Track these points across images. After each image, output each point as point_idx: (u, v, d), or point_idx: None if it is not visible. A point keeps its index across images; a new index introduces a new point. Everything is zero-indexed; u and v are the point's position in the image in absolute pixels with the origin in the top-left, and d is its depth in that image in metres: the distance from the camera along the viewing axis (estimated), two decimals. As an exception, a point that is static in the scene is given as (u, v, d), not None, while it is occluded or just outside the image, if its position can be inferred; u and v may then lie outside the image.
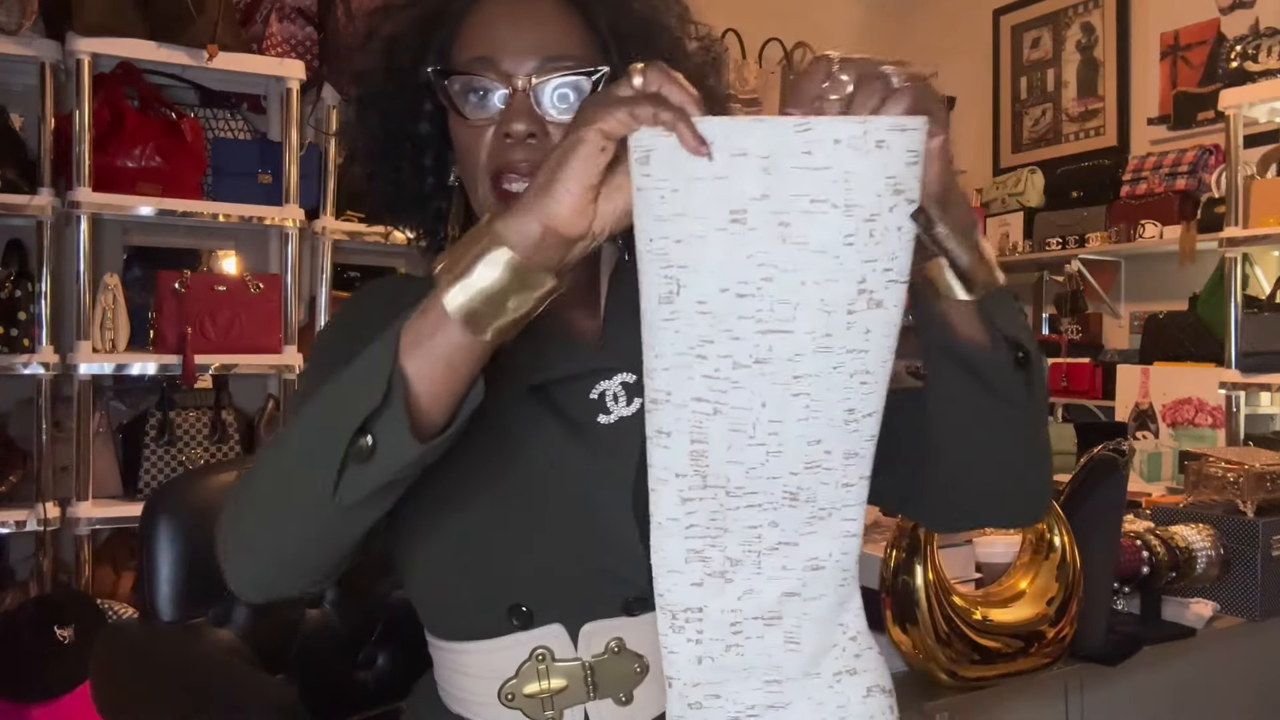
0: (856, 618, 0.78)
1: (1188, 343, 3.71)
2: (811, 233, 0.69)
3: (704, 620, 0.75)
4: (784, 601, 0.75)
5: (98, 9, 2.75)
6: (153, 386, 3.04)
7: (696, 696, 0.75)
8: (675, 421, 0.73)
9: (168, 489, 1.40)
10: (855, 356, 0.72)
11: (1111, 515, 1.54)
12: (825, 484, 0.74)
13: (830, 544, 0.75)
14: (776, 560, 0.75)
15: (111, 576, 2.91)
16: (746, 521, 0.74)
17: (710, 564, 0.74)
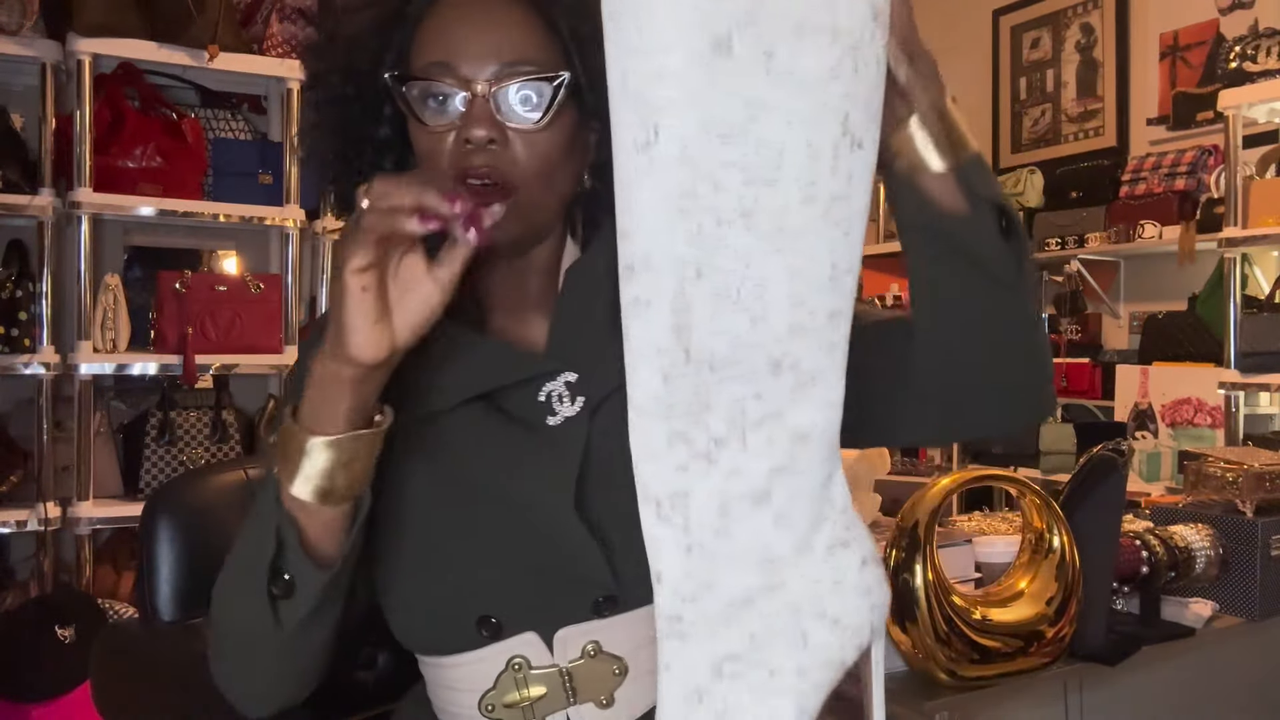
0: (842, 492, 0.74)
1: (1187, 343, 3.71)
2: (798, 63, 0.65)
3: (690, 507, 0.70)
4: (772, 478, 0.71)
5: (98, 9, 2.76)
6: (153, 386, 3.05)
7: (689, 589, 0.71)
8: (654, 289, 0.67)
9: (167, 489, 1.40)
10: (840, 204, 0.68)
11: (1111, 515, 1.54)
12: (809, 348, 0.70)
13: (815, 414, 0.71)
14: (762, 435, 0.70)
15: (112, 576, 2.91)
16: (730, 396, 0.69)
17: (694, 445, 0.69)
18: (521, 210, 0.90)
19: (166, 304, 2.87)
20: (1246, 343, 3.36)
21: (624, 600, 0.90)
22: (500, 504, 0.90)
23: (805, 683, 0.71)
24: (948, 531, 1.60)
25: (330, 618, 0.88)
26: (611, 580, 0.89)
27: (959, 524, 1.78)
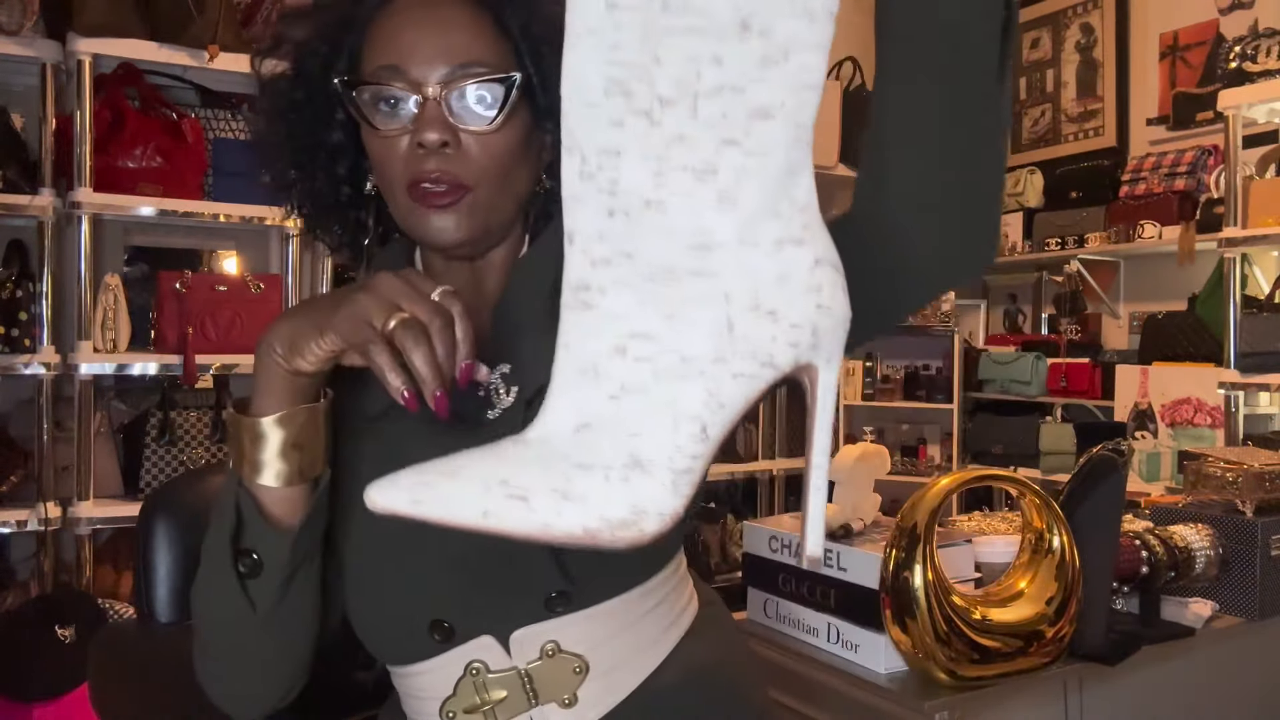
0: (808, 193, 0.64)
1: (1187, 343, 3.71)
2: None
3: (620, 167, 0.62)
4: (721, 151, 0.62)
5: (99, 10, 2.76)
6: (153, 386, 3.05)
7: (602, 253, 0.63)
8: None
9: (165, 490, 1.40)
10: None
11: (1111, 515, 1.54)
12: (783, 12, 0.60)
13: (783, 93, 0.61)
14: (716, 106, 0.61)
15: (112, 576, 2.91)
16: (684, 52, 0.60)
17: (634, 100, 0.61)
18: (477, 212, 0.90)
19: (167, 304, 2.87)
20: (1246, 343, 3.36)
21: (579, 597, 0.89)
22: None
23: (723, 371, 0.63)
24: (948, 531, 1.60)
25: (305, 600, 0.88)
26: (559, 576, 0.87)
27: (959, 524, 1.78)
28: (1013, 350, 4.43)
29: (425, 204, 0.89)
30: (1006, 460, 4.07)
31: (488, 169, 0.89)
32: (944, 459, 4.43)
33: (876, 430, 4.52)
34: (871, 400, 4.45)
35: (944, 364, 4.37)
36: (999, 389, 4.35)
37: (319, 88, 0.94)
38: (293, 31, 0.96)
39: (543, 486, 0.63)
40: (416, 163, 0.88)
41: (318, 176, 0.99)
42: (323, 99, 0.94)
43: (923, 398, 4.39)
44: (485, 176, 0.89)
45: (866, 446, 1.62)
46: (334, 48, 0.94)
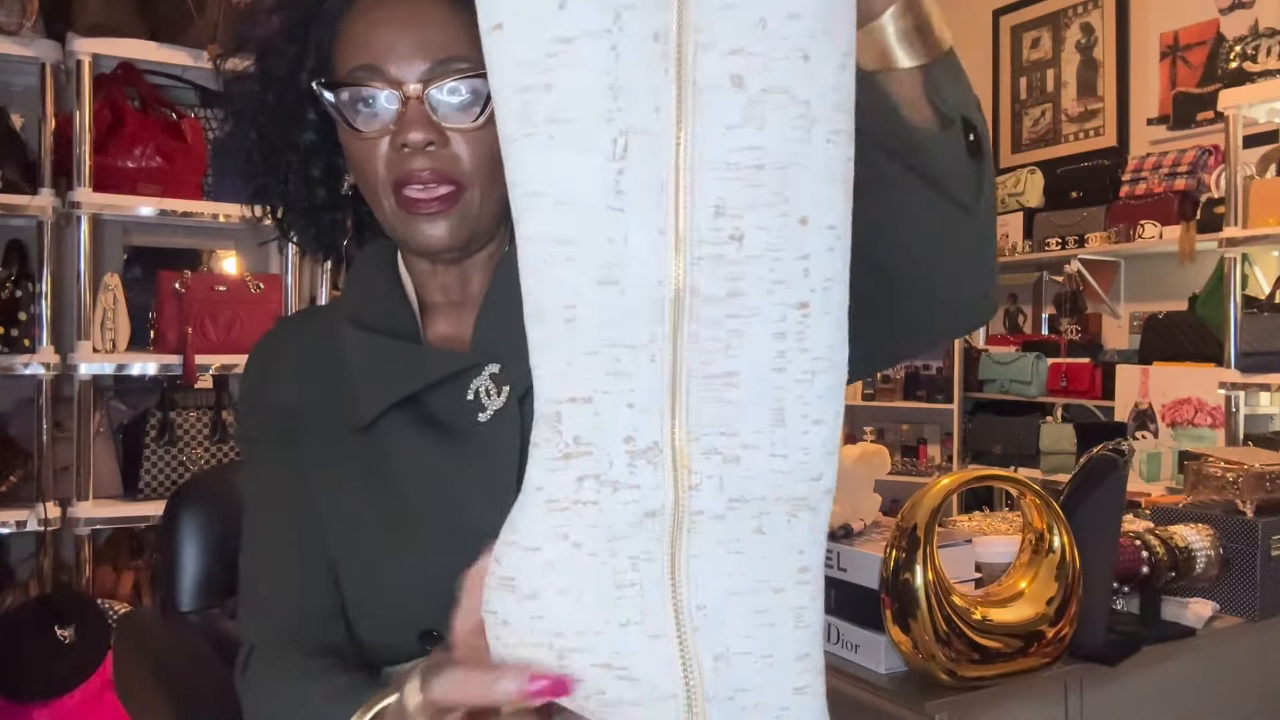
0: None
1: (1187, 343, 3.71)
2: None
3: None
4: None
5: (98, 9, 2.75)
6: (153, 386, 3.04)
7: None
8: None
9: (194, 483, 1.45)
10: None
11: (1111, 515, 1.54)
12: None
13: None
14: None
15: (112, 576, 2.91)
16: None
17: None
18: (468, 216, 0.88)
19: (166, 304, 2.87)
20: (1247, 343, 3.36)
21: None
22: (434, 514, 0.87)
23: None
24: (948, 532, 1.60)
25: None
26: None
27: (959, 524, 1.78)
28: (1013, 350, 4.43)
29: (415, 210, 0.87)
30: (1007, 460, 4.07)
31: (478, 167, 0.87)
32: (944, 459, 4.43)
33: (877, 430, 4.52)
34: (872, 400, 4.45)
35: (944, 364, 4.37)
36: (999, 389, 4.34)
37: (288, 88, 0.92)
38: (255, 31, 0.93)
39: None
40: (401, 163, 0.86)
41: (291, 179, 0.97)
42: (293, 99, 0.92)
43: (923, 398, 4.39)
44: (476, 174, 0.87)
45: (866, 446, 1.61)
46: (301, 46, 0.91)
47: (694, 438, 0.58)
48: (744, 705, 0.61)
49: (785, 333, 0.58)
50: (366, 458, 0.90)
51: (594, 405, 0.58)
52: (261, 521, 0.97)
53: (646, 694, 0.60)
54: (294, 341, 1.00)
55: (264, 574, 0.94)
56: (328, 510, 0.90)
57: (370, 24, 0.87)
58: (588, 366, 0.58)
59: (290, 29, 0.91)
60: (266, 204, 1.00)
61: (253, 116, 0.95)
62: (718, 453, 0.58)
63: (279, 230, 1.02)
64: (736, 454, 0.59)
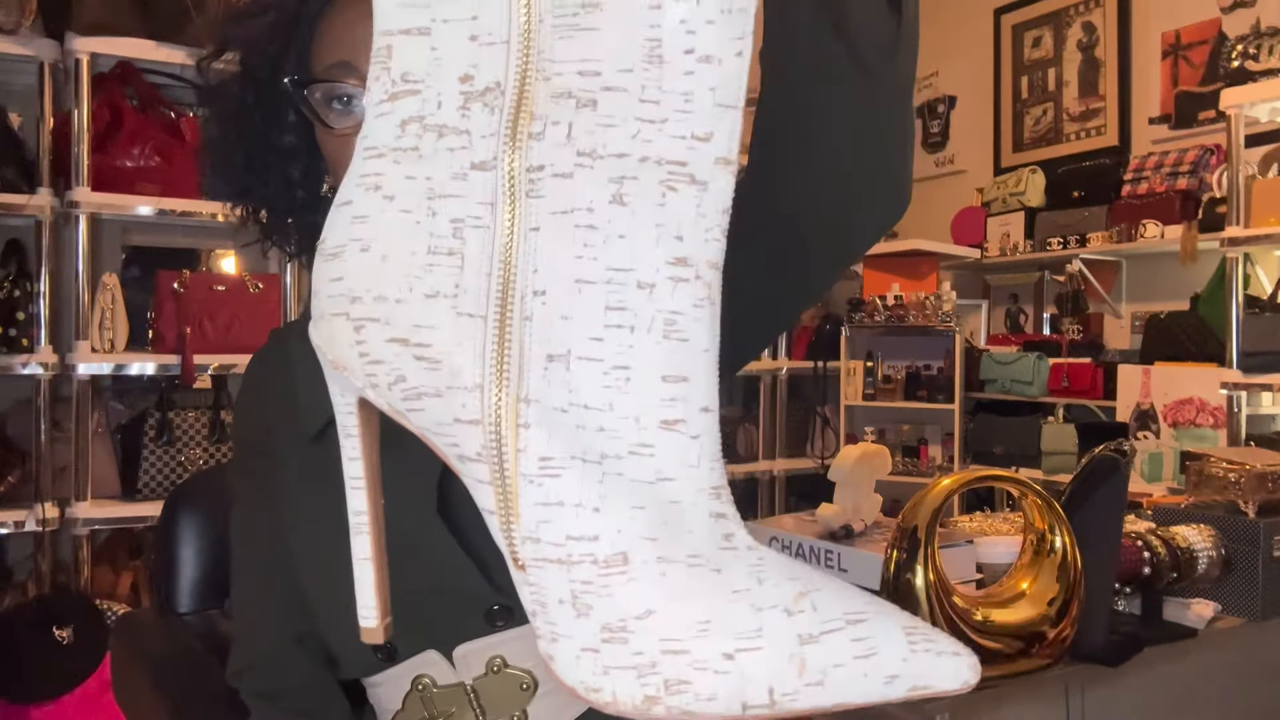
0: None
1: (1189, 343, 3.70)
2: None
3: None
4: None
5: (97, 8, 2.75)
6: (151, 387, 3.04)
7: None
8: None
9: (192, 483, 1.44)
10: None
11: (1112, 516, 1.53)
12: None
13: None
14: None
15: (110, 577, 2.91)
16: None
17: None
18: None
19: (165, 304, 2.86)
20: (1249, 343, 3.35)
21: (522, 610, 0.86)
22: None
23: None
24: (949, 532, 1.59)
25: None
26: (492, 590, 0.85)
27: (960, 524, 1.77)
28: (1014, 350, 4.42)
29: None
30: (1008, 460, 4.06)
31: None
32: (945, 459, 4.43)
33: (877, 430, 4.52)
34: (872, 400, 4.44)
35: (945, 364, 4.36)
36: (1000, 389, 4.34)
37: (268, 89, 0.91)
38: (238, 32, 0.93)
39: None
40: None
41: (271, 181, 0.96)
42: (273, 101, 0.92)
43: (924, 398, 4.38)
44: None
45: (867, 447, 1.61)
46: (282, 48, 0.91)
47: (544, 76, 0.47)
48: (582, 423, 0.47)
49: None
50: (320, 468, 0.89)
51: (431, 37, 0.49)
52: (241, 550, 0.99)
53: (446, 381, 0.49)
54: (273, 360, 1.00)
55: (244, 599, 0.98)
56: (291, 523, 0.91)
57: (345, 22, 0.87)
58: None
59: (272, 31, 0.91)
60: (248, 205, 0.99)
61: (235, 118, 0.94)
62: (570, 95, 0.47)
63: (261, 233, 1.01)
64: (594, 96, 0.47)
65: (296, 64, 0.91)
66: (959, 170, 5.01)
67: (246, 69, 0.93)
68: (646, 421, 0.47)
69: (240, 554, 0.99)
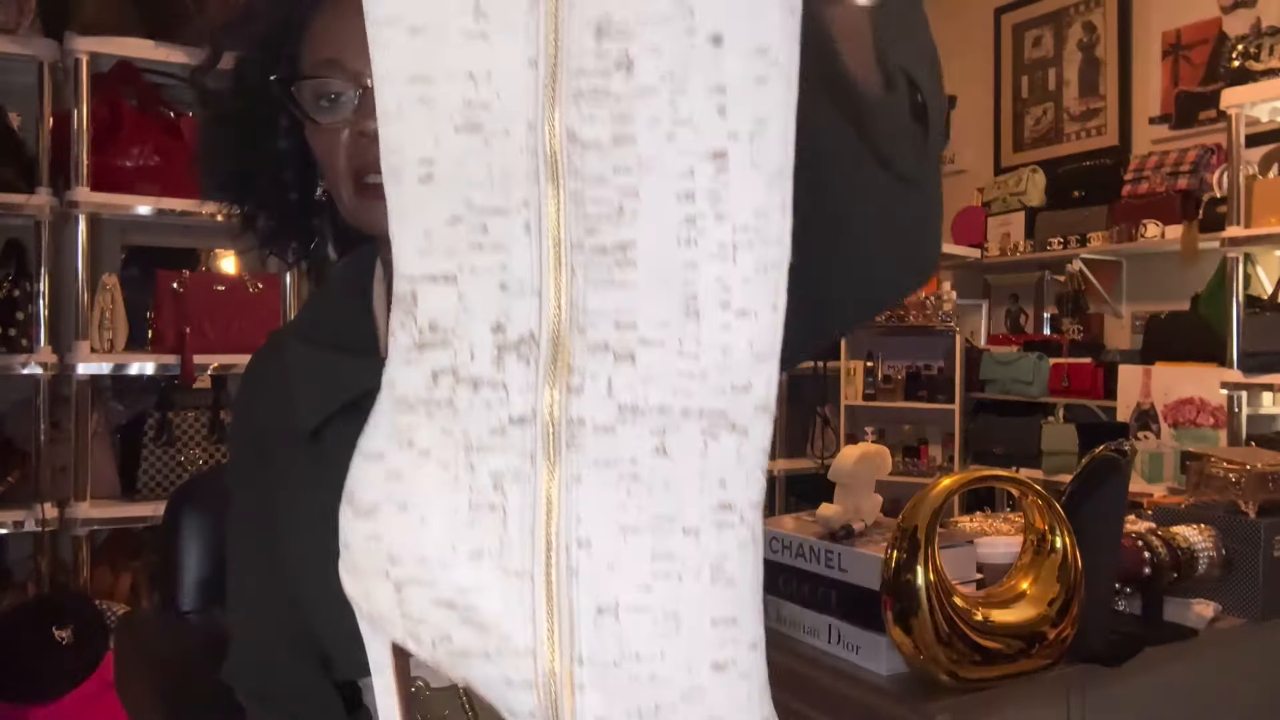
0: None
1: (1189, 343, 3.70)
2: None
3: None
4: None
5: (96, 8, 2.75)
6: (151, 387, 3.04)
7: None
8: None
9: (194, 483, 1.45)
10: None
11: (1113, 516, 1.53)
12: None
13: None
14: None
15: (109, 577, 2.90)
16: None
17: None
18: None
19: (164, 304, 2.86)
20: (1249, 342, 3.34)
21: None
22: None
23: None
24: (949, 532, 1.59)
25: None
26: None
27: (961, 525, 1.77)
28: (1014, 350, 4.42)
29: (373, 196, 0.87)
30: (1008, 461, 4.06)
31: None
32: (945, 459, 4.42)
33: (878, 430, 4.51)
34: (873, 400, 4.44)
35: (945, 364, 4.36)
36: (1001, 389, 4.33)
37: (259, 92, 0.92)
38: (229, 42, 0.94)
39: None
40: (361, 153, 0.87)
41: (265, 185, 0.97)
42: (264, 104, 0.93)
43: (924, 398, 4.38)
44: None
45: (868, 447, 1.60)
46: (273, 56, 0.92)
47: (579, 328, 0.46)
48: (635, 675, 0.46)
49: (694, 192, 0.44)
50: (317, 470, 0.89)
51: (457, 285, 0.47)
52: (236, 550, 0.99)
53: (496, 644, 0.47)
54: (270, 362, 1.01)
55: (238, 599, 0.98)
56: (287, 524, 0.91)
57: (330, 20, 0.89)
58: (449, 237, 0.47)
59: (262, 36, 0.92)
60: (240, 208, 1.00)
61: (227, 121, 0.95)
62: (609, 349, 0.46)
63: (259, 242, 1.02)
64: (632, 351, 0.46)
65: (286, 65, 0.92)
66: (959, 170, 5.01)
67: (238, 74, 0.94)
68: (698, 666, 0.47)
69: (235, 554, 0.99)
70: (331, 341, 0.92)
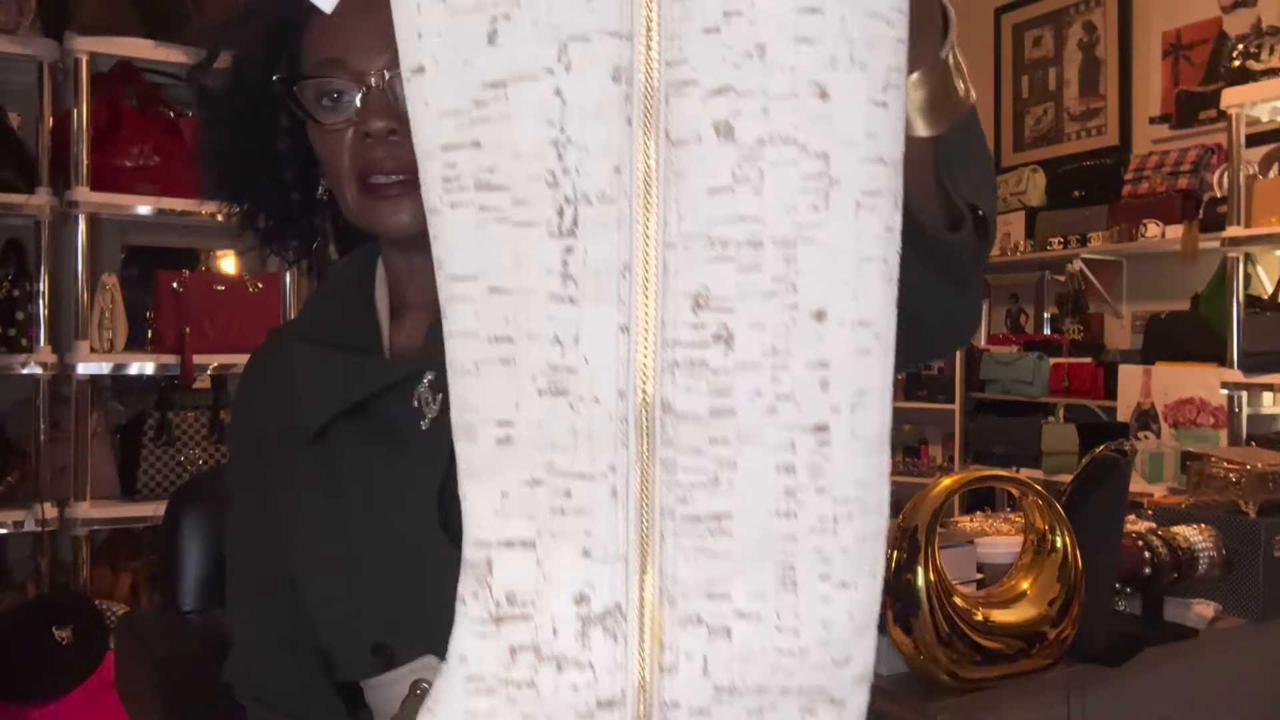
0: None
1: (1190, 343, 3.70)
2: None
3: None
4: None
5: (96, 7, 2.74)
6: (151, 387, 3.03)
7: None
8: None
9: (195, 483, 1.45)
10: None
11: (1113, 516, 1.53)
12: None
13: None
14: None
15: (109, 577, 2.90)
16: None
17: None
18: None
19: (164, 304, 2.86)
20: (1249, 342, 3.34)
21: None
22: (372, 524, 0.87)
23: None
24: (949, 532, 1.59)
25: None
26: None
27: (961, 525, 1.76)
28: (1015, 350, 4.41)
29: (377, 196, 0.87)
30: (1008, 461, 4.06)
31: None
32: (946, 459, 4.42)
33: (878, 430, 4.51)
34: (873, 400, 4.43)
35: (945, 364, 4.36)
36: (1001, 389, 4.33)
37: (260, 92, 0.92)
38: (228, 41, 0.94)
39: None
40: (365, 153, 0.87)
41: (265, 184, 0.97)
42: (265, 103, 0.92)
43: (924, 398, 4.38)
44: None
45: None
46: (272, 54, 0.92)
47: (670, 600, 0.44)
48: None
49: (794, 465, 0.44)
50: (320, 470, 0.89)
51: (536, 552, 0.45)
52: (236, 550, 0.99)
53: None
54: (271, 360, 1.00)
55: (238, 600, 0.98)
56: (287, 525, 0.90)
57: (333, 19, 0.86)
58: (528, 500, 0.45)
59: (263, 34, 0.92)
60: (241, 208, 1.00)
61: (227, 121, 0.95)
62: (702, 623, 0.44)
63: (259, 241, 1.02)
64: (727, 625, 0.44)
65: (287, 64, 0.91)
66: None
67: (238, 73, 0.94)
68: None
69: (235, 554, 0.99)
70: (334, 341, 0.92)
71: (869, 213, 0.43)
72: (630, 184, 0.42)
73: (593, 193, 0.42)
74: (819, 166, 0.42)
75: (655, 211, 0.42)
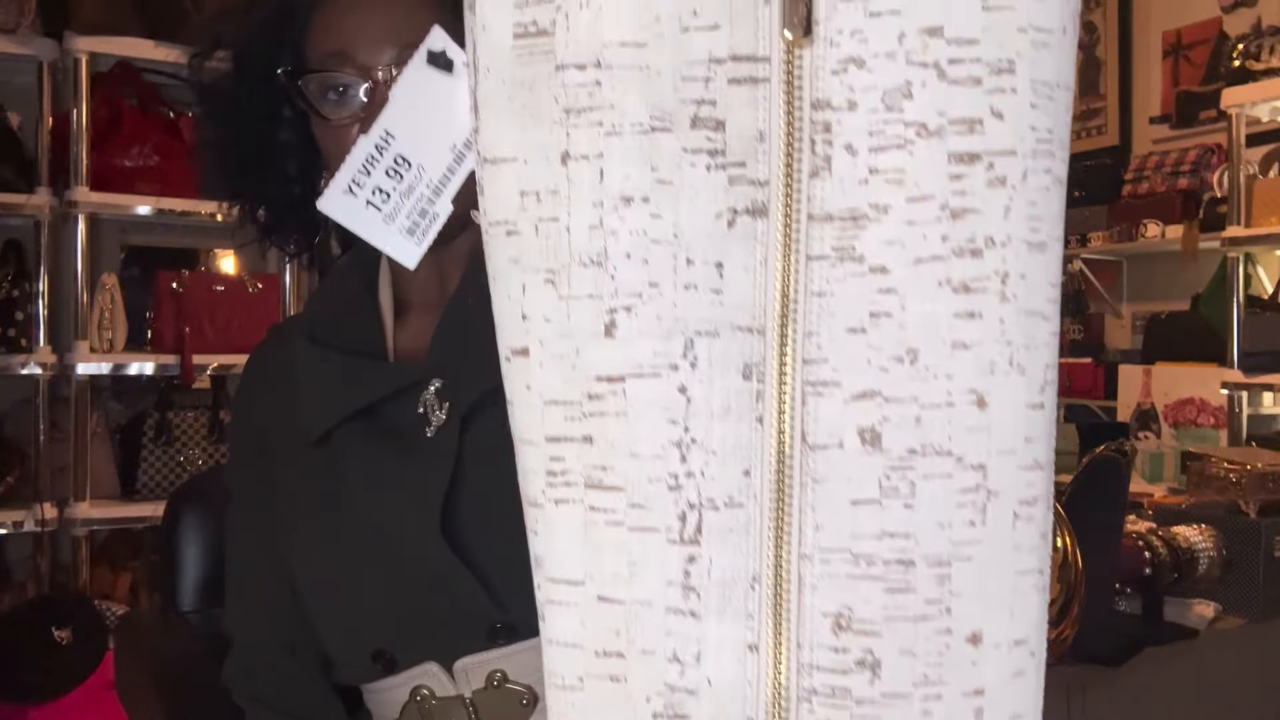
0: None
1: (1190, 343, 3.69)
2: None
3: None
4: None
5: (96, 7, 2.74)
6: (150, 387, 3.03)
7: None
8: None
9: (195, 483, 1.45)
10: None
11: (1113, 516, 1.53)
12: None
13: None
14: None
15: (109, 577, 2.90)
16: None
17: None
18: None
19: (164, 304, 2.86)
20: (1250, 342, 3.34)
21: (525, 627, 0.84)
22: (373, 530, 0.86)
23: None
24: (949, 532, 1.59)
25: None
26: (495, 608, 0.83)
27: (960, 524, 1.76)
28: (1015, 350, 4.41)
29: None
30: (1008, 460, 4.06)
31: None
32: (946, 459, 4.42)
33: (878, 430, 4.51)
34: (873, 400, 4.43)
35: (946, 364, 4.36)
36: (1001, 389, 4.33)
37: (262, 84, 0.91)
38: (230, 30, 0.93)
39: None
40: None
41: (268, 177, 0.96)
42: (267, 96, 0.91)
43: (924, 398, 4.37)
44: None
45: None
46: (276, 43, 0.90)
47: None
48: None
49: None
50: (323, 474, 0.89)
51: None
52: (235, 552, 0.99)
53: None
54: (272, 358, 0.99)
55: (237, 602, 0.98)
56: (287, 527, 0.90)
57: (339, 12, 0.87)
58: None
59: (265, 26, 0.91)
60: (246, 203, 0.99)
61: (229, 115, 0.94)
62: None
63: (259, 232, 1.01)
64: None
65: (290, 57, 0.90)
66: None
67: (240, 65, 0.93)
68: None
69: (234, 556, 0.99)
70: (337, 341, 0.91)
71: (1026, 523, 0.39)
72: (761, 488, 0.39)
73: (719, 497, 0.39)
74: (976, 479, 0.39)
75: (789, 520, 0.39)
